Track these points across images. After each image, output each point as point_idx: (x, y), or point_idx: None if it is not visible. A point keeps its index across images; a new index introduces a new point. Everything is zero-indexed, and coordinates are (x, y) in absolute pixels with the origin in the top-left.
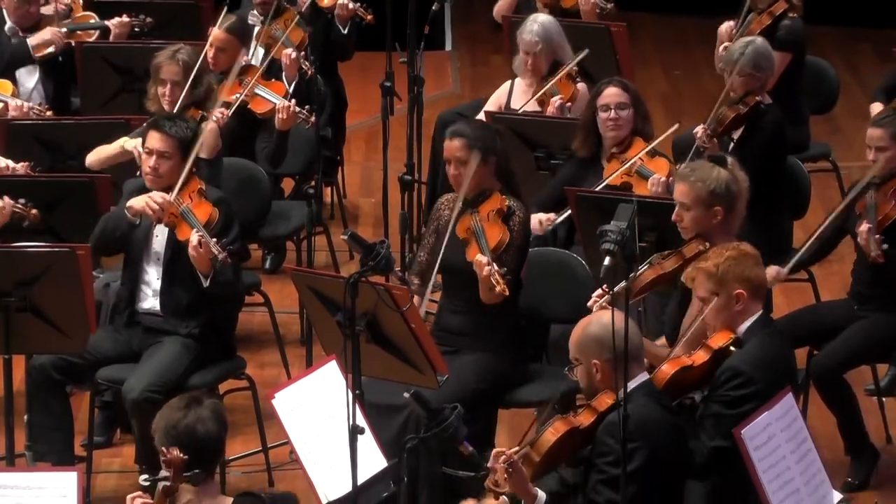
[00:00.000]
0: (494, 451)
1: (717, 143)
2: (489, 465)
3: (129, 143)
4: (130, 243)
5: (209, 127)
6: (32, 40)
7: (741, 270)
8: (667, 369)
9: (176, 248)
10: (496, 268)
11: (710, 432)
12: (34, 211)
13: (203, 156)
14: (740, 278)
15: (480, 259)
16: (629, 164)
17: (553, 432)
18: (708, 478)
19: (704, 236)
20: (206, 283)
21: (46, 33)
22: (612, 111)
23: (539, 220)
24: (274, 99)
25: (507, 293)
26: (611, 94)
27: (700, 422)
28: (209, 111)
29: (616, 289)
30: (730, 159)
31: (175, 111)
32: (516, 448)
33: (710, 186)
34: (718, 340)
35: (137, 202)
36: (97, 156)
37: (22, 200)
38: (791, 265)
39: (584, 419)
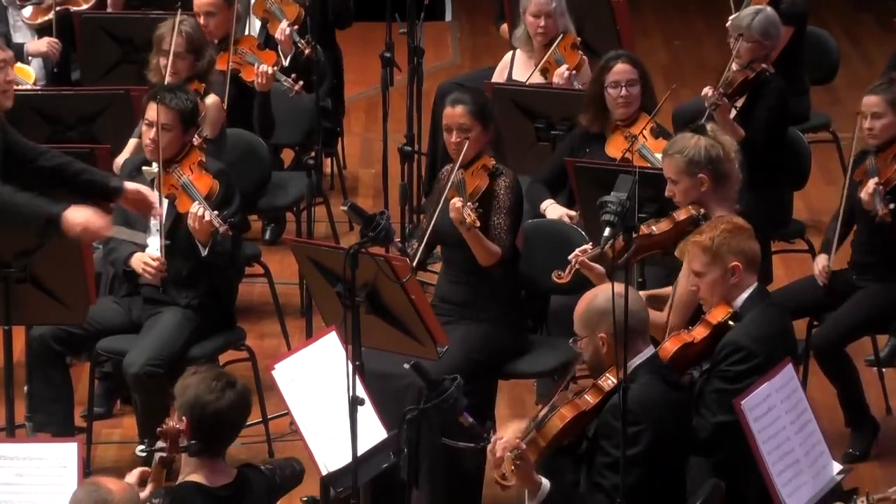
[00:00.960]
0: (497, 441)
1: (727, 102)
2: (491, 451)
3: (133, 141)
4: (132, 219)
5: (212, 102)
6: (26, 10)
7: (736, 243)
8: (669, 346)
9: (176, 219)
10: (469, 204)
11: (712, 408)
12: None
13: (206, 134)
14: (735, 251)
15: (453, 201)
16: (634, 144)
17: (560, 418)
18: (712, 454)
19: (699, 205)
20: (204, 253)
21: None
22: (623, 88)
23: (569, 216)
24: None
25: (478, 224)
26: (621, 70)
27: (702, 398)
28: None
29: (604, 246)
30: (709, 125)
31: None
32: (519, 438)
33: (689, 155)
34: (717, 315)
35: (136, 265)
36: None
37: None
38: (833, 255)
39: (590, 400)
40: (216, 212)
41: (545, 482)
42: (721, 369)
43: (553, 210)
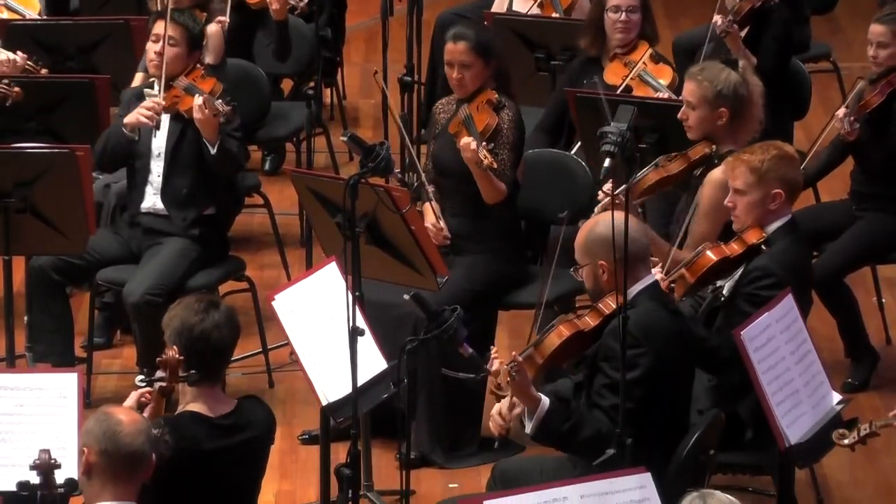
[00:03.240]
0: (494, 352)
1: (737, 28)
2: (489, 366)
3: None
4: (134, 149)
5: (213, 30)
6: None
7: (784, 171)
8: (710, 257)
9: (178, 140)
10: (484, 144)
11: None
12: (17, 89)
13: (208, 61)
14: (782, 178)
15: (467, 140)
16: (634, 69)
17: (558, 335)
18: (730, 373)
19: (710, 139)
20: (213, 151)
21: None
22: (623, 13)
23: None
24: None
25: (496, 166)
26: None
27: (727, 317)
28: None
29: (618, 192)
30: (742, 63)
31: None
32: (517, 352)
33: (718, 87)
34: (752, 236)
35: (130, 117)
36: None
37: (6, 80)
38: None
39: (590, 321)
40: (219, 100)
41: (545, 399)
42: (749, 292)
43: None
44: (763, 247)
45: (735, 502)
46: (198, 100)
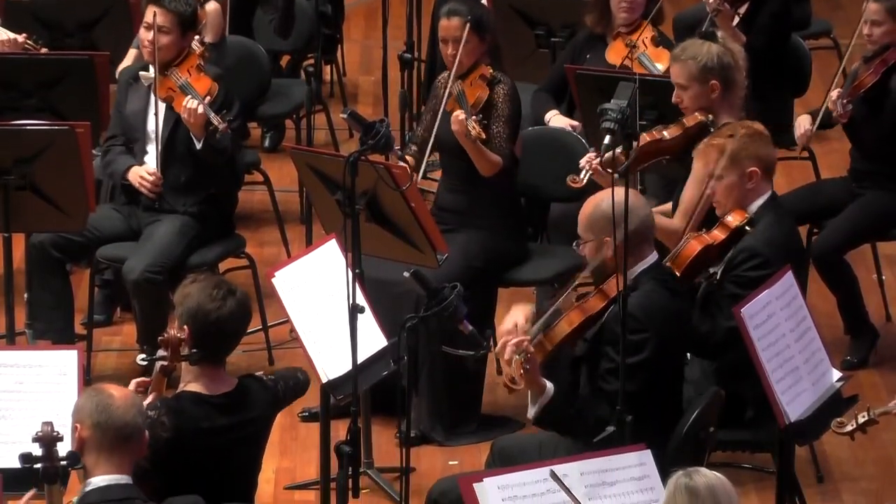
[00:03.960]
0: (507, 340)
1: (729, 8)
2: (500, 352)
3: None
4: (129, 127)
5: (212, 8)
6: None
7: (755, 148)
8: (694, 246)
9: (174, 126)
10: (473, 116)
11: (726, 313)
12: (44, 49)
13: (208, 40)
14: (754, 156)
15: (456, 114)
16: (634, 51)
17: (568, 323)
18: (723, 357)
19: (708, 111)
20: (198, 145)
21: None
22: None
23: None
24: None
25: (484, 136)
26: None
27: (716, 302)
28: None
29: (604, 153)
30: (720, 33)
31: None
32: (528, 338)
33: (702, 61)
34: (734, 219)
35: (133, 178)
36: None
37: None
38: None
39: (595, 304)
40: (213, 113)
41: (549, 385)
42: (736, 275)
43: (557, 121)
44: (747, 227)
45: (722, 478)
46: (190, 103)
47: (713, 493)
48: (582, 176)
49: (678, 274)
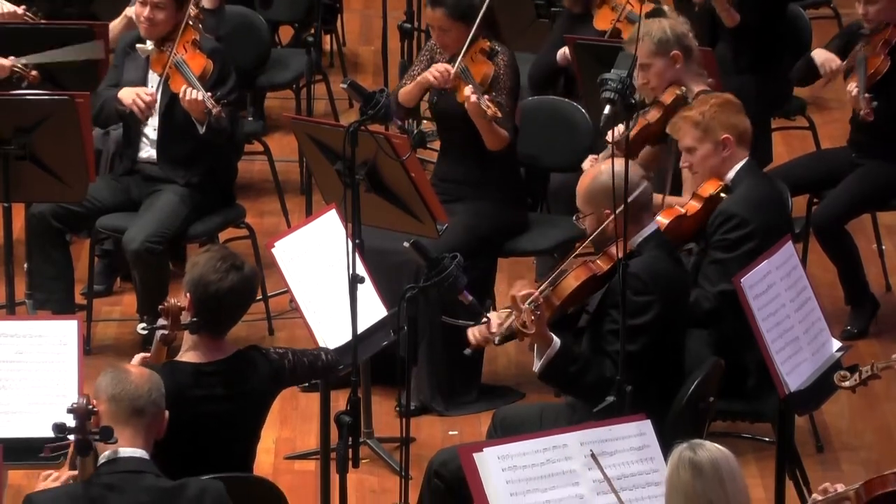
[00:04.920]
0: (518, 293)
1: None
2: (512, 304)
3: (129, 10)
4: (130, 116)
5: None
6: None
7: (726, 117)
8: (662, 219)
9: (172, 98)
10: (486, 96)
11: (713, 279)
12: (34, 73)
13: (206, 6)
14: (726, 124)
15: (466, 93)
16: (621, 11)
17: (575, 278)
18: (716, 324)
19: (678, 83)
20: (202, 130)
21: None
22: None
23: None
24: None
25: (500, 115)
26: None
27: (702, 271)
28: None
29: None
30: (666, 7)
31: None
32: (537, 291)
33: (657, 36)
34: (708, 188)
35: (126, 98)
36: (112, 33)
37: (23, 61)
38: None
39: (602, 265)
40: (209, 93)
41: (556, 339)
42: (717, 239)
43: None
44: (723, 195)
45: (725, 451)
46: (190, 94)
47: (717, 469)
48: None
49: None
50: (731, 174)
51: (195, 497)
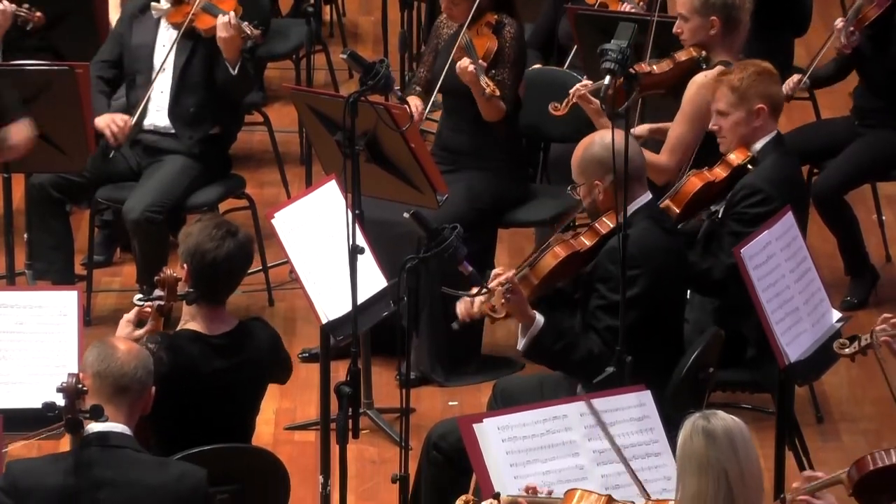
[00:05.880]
0: (494, 272)
1: None
2: (489, 286)
3: None
4: (133, 59)
5: None
6: None
7: (764, 87)
8: (694, 183)
9: (191, 55)
10: (485, 76)
11: (727, 249)
12: (38, 14)
13: None
14: (763, 94)
15: (463, 63)
16: None
17: (553, 256)
18: (725, 294)
19: (702, 47)
20: (234, 72)
21: None
22: None
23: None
24: None
25: (497, 93)
26: None
27: (714, 239)
28: None
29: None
30: None
31: None
32: (515, 270)
33: None
34: (737, 157)
35: (100, 122)
36: None
37: (26, 4)
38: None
39: (586, 241)
40: (246, 22)
41: (539, 317)
42: (737, 211)
43: None
44: (749, 166)
45: (738, 421)
46: (223, 18)
47: (730, 437)
48: (563, 104)
49: (678, 210)
50: (758, 145)
51: (174, 478)
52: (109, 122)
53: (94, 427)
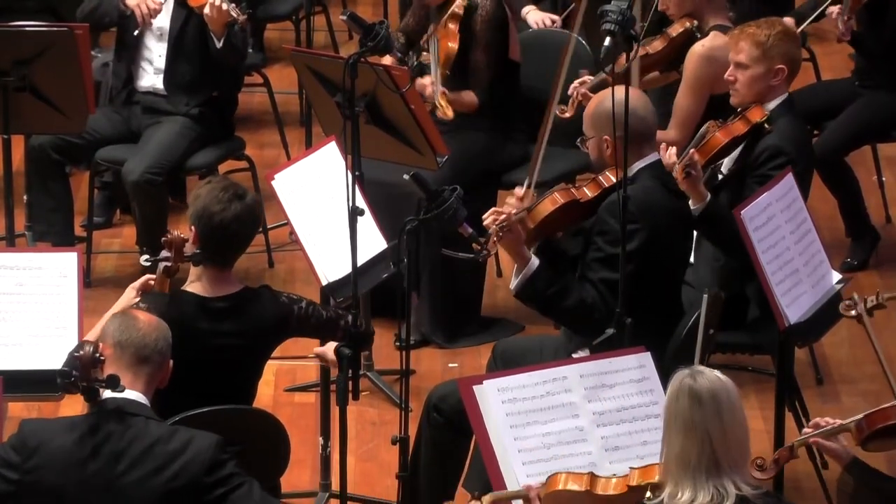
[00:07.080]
0: (492, 210)
1: None
2: (483, 220)
3: None
4: (127, 21)
5: None
6: None
7: (787, 48)
8: (719, 138)
9: (185, 22)
10: (440, 88)
11: None
12: None
13: None
14: (786, 55)
15: (423, 82)
16: None
17: (552, 202)
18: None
19: (692, 15)
20: (218, 45)
21: None
22: None
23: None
24: None
25: (450, 116)
26: None
27: (736, 197)
28: None
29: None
30: None
31: None
32: (513, 210)
33: None
34: (755, 115)
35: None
36: None
37: None
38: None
39: (588, 192)
40: (233, 3)
41: (534, 259)
42: (761, 172)
43: (533, 15)
44: (766, 125)
45: (724, 379)
46: (219, 1)
47: (716, 400)
48: (569, 105)
49: (702, 163)
50: (771, 104)
51: (181, 446)
52: (140, 2)
53: (112, 394)
